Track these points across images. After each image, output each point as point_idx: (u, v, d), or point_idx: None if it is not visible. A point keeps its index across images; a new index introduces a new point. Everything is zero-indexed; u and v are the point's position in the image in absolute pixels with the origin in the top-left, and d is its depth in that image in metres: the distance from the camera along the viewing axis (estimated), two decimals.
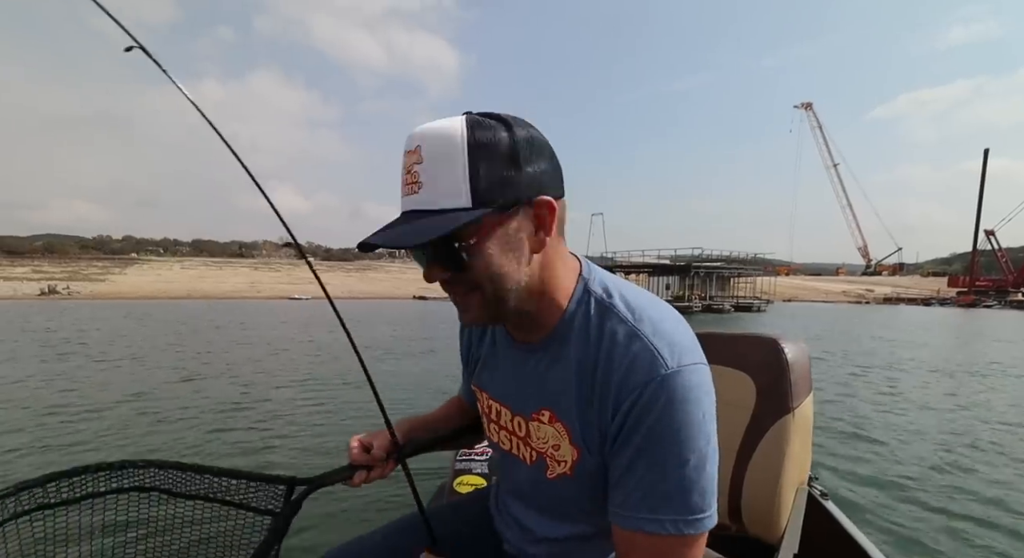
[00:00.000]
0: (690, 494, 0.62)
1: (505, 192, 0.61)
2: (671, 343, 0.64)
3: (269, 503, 0.88)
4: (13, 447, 4.22)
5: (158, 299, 40.39)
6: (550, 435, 0.73)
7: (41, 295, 41.13)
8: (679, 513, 0.62)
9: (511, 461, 0.83)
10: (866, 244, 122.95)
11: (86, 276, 56.10)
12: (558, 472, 0.73)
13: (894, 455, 4.19)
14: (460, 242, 0.61)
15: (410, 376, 7.80)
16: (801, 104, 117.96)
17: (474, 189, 0.59)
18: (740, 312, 35.99)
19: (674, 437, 0.61)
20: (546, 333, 0.72)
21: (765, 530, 1.10)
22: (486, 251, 0.63)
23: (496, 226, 0.62)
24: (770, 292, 51.08)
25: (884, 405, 6.04)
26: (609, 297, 0.69)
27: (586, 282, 0.71)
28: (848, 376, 8.11)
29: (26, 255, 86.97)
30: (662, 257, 41.09)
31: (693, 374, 0.63)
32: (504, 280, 0.65)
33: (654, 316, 0.67)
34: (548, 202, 0.64)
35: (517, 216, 0.63)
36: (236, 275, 65.07)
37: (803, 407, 1.09)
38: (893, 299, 64.53)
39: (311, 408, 5.74)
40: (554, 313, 0.71)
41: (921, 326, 21.90)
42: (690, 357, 0.64)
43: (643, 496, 0.63)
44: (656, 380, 0.62)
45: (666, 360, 0.62)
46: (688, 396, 0.62)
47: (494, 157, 0.60)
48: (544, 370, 0.73)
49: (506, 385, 0.81)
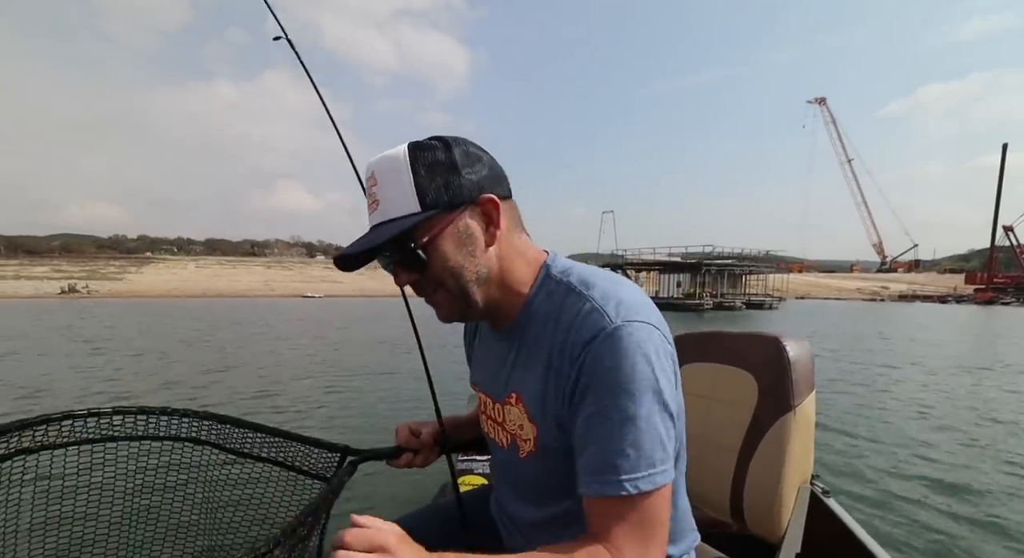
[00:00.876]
0: (643, 450, 0.64)
1: (449, 195, 0.68)
2: (618, 302, 0.67)
3: (321, 469, 0.91)
4: None
5: (175, 298, 41.11)
6: (515, 416, 0.78)
7: (61, 294, 42.05)
8: (633, 471, 0.64)
9: (495, 448, 0.88)
10: (881, 241, 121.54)
11: (104, 275, 57.19)
12: (526, 450, 0.78)
13: (898, 454, 4.17)
14: (415, 241, 0.69)
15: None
16: (815, 99, 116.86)
17: (421, 195, 0.68)
18: (751, 309, 35.79)
19: (622, 391, 0.63)
20: (512, 320, 0.78)
21: (767, 529, 1.10)
22: (441, 247, 0.70)
23: (447, 225, 0.69)
24: (783, 289, 50.68)
25: (890, 404, 6.00)
26: (567, 277, 0.74)
27: (548, 269, 0.76)
28: (854, 374, 8.05)
29: (44, 255, 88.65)
30: (673, 255, 40.89)
31: (640, 330, 0.65)
32: (463, 273, 0.71)
33: (606, 285, 0.71)
34: (491, 199, 0.71)
35: (465, 215, 0.70)
36: (250, 274, 65.89)
37: (805, 406, 1.09)
38: (909, 296, 63.70)
39: (361, 394, 6.09)
40: (518, 301, 0.76)
41: (935, 324, 21.52)
42: (637, 315, 0.67)
43: (600, 460, 0.65)
44: (602, 334, 0.65)
45: (611, 316, 0.66)
46: (635, 349, 0.64)
47: (435, 168, 0.68)
48: (514, 355, 0.79)
49: (488, 375, 0.86)
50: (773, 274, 49.37)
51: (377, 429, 4.77)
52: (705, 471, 1.20)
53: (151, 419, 0.80)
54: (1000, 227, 77.02)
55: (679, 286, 41.18)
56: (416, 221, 0.67)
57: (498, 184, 0.73)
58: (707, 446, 1.21)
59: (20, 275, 53.68)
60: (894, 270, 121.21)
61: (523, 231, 0.78)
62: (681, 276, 41.29)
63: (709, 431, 1.21)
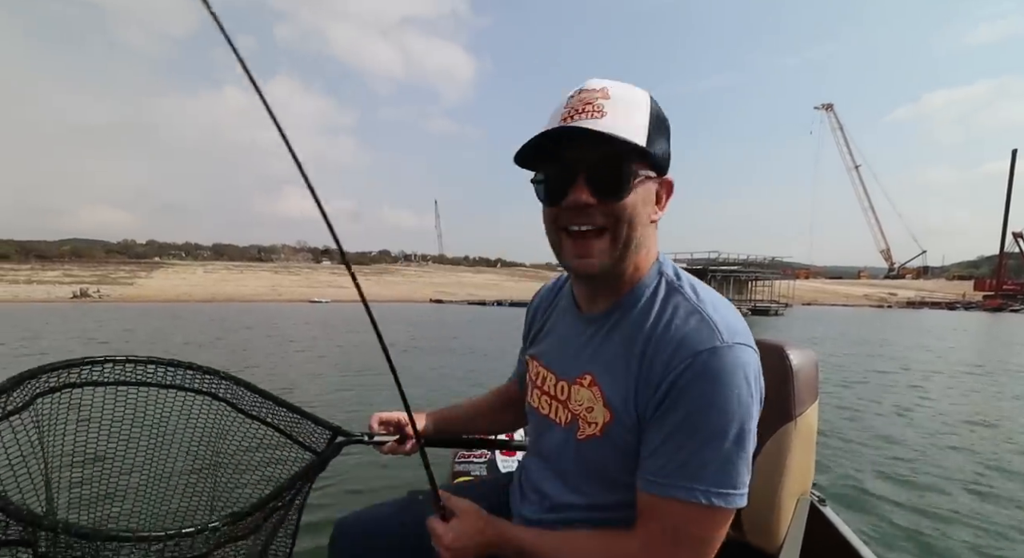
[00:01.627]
0: (727, 468, 0.63)
1: (662, 157, 0.70)
2: (728, 324, 0.67)
3: (312, 443, 1.02)
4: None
5: (184, 302, 41.53)
6: (586, 398, 0.77)
7: (74, 298, 42.62)
8: (714, 485, 0.63)
9: (546, 425, 0.86)
10: (889, 247, 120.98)
11: (114, 280, 57.82)
12: (588, 433, 0.76)
13: (901, 464, 4.04)
14: (629, 168, 0.67)
15: (437, 368, 8.15)
16: (822, 105, 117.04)
17: (649, 139, 0.67)
18: (757, 316, 35.72)
19: (720, 408, 0.63)
20: (613, 303, 0.77)
21: (764, 540, 1.08)
22: (640, 190, 0.69)
23: (648, 179, 0.70)
24: (789, 296, 50.61)
25: (894, 414, 5.89)
26: (678, 280, 0.75)
27: (661, 266, 0.77)
28: (857, 382, 7.99)
29: (55, 259, 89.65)
30: (678, 260, 40.92)
31: (744, 353, 0.65)
32: (637, 225, 0.70)
33: (716, 301, 0.71)
34: (671, 182, 0.74)
35: (656, 183, 0.72)
36: (257, 279, 66.38)
37: (806, 416, 1.07)
38: (916, 303, 63.39)
39: (365, 388, 6.20)
40: (630, 284, 0.76)
41: (942, 331, 21.42)
42: (744, 339, 0.67)
43: (681, 465, 0.64)
44: (710, 350, 0.64)
45: (722, 334, 0.65)
46: (738, 372, 0.63)
47: (663, 127, 0.70)
48: (601, 338, 0.77)
49: (560, 352, 0.85)
50: (779, 280, 49.33)
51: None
52: None
53: (178, 371, 0.92)
54: (1010, 233, 76.60)
55: None
56: (646, 150, 0.66)
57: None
58: None
59: (32, 280, 54.41)
60: (902, 276, 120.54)
61: None
62: None
63: None
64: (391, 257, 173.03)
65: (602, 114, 0.66)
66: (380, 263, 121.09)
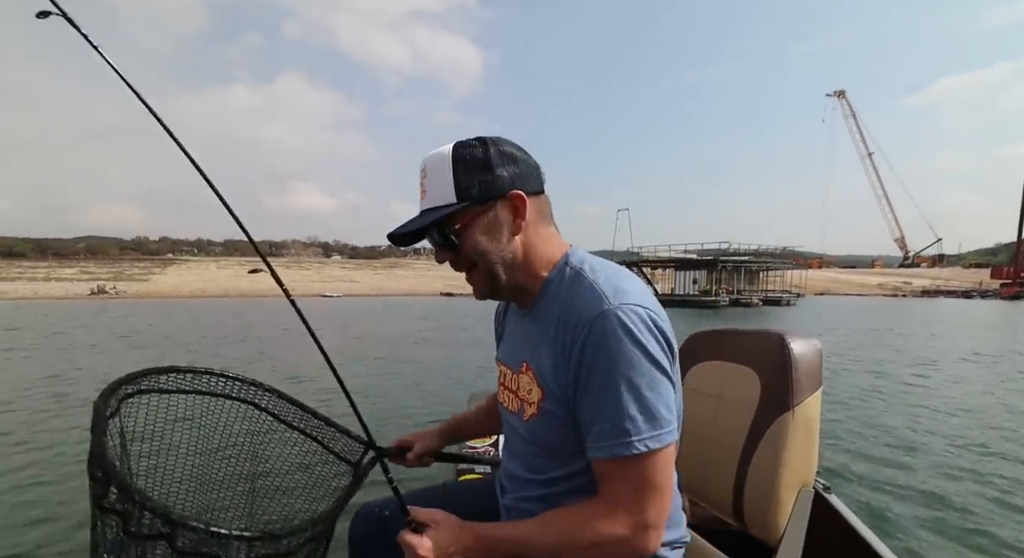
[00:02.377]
0: (650, 413, 0.71)
1: (482, 190, 0.80)
2: (617, 288, 0.76)
3: (347, 454, 1.08)
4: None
5: (199, 298, 42.09)
6: (526, 383, 0.87)
7: (91, 295, 43.31)
8: (646, 431, 0.71)
9: (508, 416, 0.96)
10: (903, 235, 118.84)
11: (130, 276, 58.65)
12: (529, 413, 0.86)
13: (911, 456, 4.04)
14: (450, 228, 0.81)
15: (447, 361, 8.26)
16: (834, 92, 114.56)
17: (458, 189, 0.79)
18: (768, 306, 35.53)
19: (625, 363, 0.71)
20: (533, 299, 0.88)
21: (765, 530, 1.08)
22: (472, 234, 0.81)
23: (478, 215, 0.81)
24: (801, 285, 50.06)
25: (902, 401, 5.94)
26: (580, 265, 0.84)
27: (568, 258, 0.86)
28: (866, 372, 7.92)
29: (71, 257, 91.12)
30: (689, 251, 40.72)
31: (633, 312, 0.73)
32: (490, 256, 0.82)
33: (611, 273, 0.81)
34: (519, 195, 0.81)
35: (495, 207, 0.81)
36: (269, 275, 66.81)
37: (806, 406, 1.06)
38: (931, 291, 62.35)
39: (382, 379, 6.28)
40: (539, 283, 0.87)
41: (956, 318, 21.15)
42: (633, 300, 0.75)
43: (613, 424, 0.72)
44: (599, 314, 0.73)
45: (608, 298, 0.74)
46: (630, 328, 0.72)
47: (472, 166, 0.80)
48: (529, 330, 0.89)
49: (509, 348, 0.97)
50: (791, 270, 48.86)
51: (400, 415, 5.09)
52: (710, 470, 1.20)
53: (228, 382, 1.00)
54: None
55: (695, 283, 40.99)
56: (451, 211, 0.80)
57: (529, 181, 0.84)
58: (713, 444, 1.21)
59: (50, 277, 55.36)
60: (917, 265, 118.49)
61: (550, 224, 0.89)
62: (697, 273, 41.10)
63: (715, 429, 1.21)
64: (401, 251, 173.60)
65: (424, 193, 0.83)
66: (390, 257, 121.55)
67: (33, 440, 4.30)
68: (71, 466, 3.66)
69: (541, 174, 0.88)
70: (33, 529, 2.74)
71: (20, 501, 3.10)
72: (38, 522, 2.82)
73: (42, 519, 2.85)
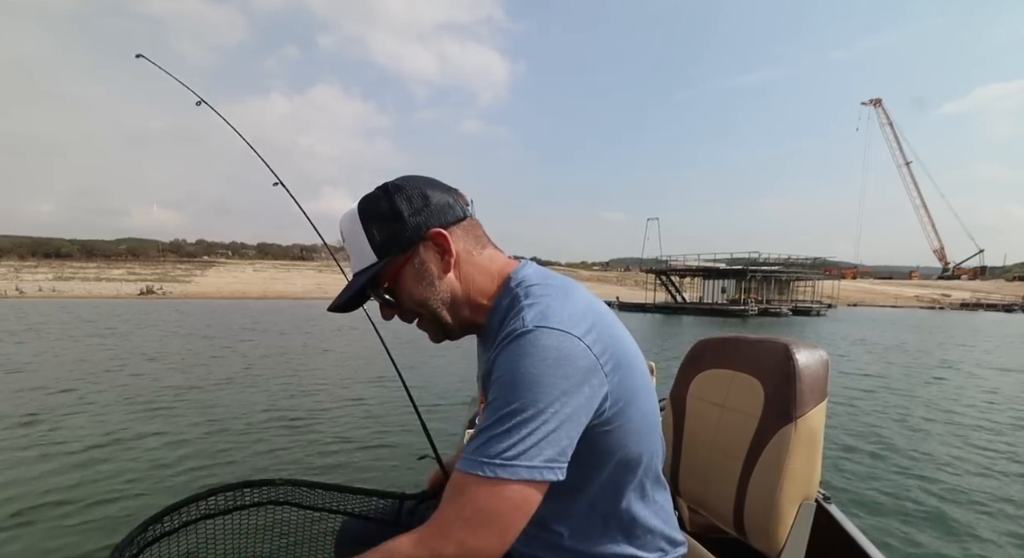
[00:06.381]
0: (519, 441, 0.63)
1: (397, 241, 0.77)
2: (540, 311, 0.70)
3: (384, 515, 1.05)
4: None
5: (240, 299, 43.93)
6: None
7: (141, 295, 45.71)
8: (499, 457, 0.63)
9: None
10: (943, 246, 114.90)
11: (173, 278, 61.34)
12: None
13: (921, 470, 3.97)
14: (381, 286, 0.79)
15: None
16: (870, 101, 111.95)
17: (374, 247, 0.77)
18: (798, 316, 35.11)
19: (515, 385, 0.65)
20: (486, 327, 0.83)
21: (766, 541, 1.06)
22: (404, 286, 0.79)
23: (402, 265, 0.78)
24: (834, 296, 49.25)
25: (917, 420, 5.72)
26: (519, 286, 0.78)
27: (509, 281, 0.80)
28: (882, 386, 7.80)
29: (116, 258, 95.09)
30: (718, 260, 40.63)
31: (549, 337, 0.67)
32: (428, 302, 0.79)
33: (542, 293, 0.75)
34: (438, 233, 0.77)
35: (418, 252, 0.78)
36: (304, 277, 68.90)
37: (809, 417, 1.04)
38: (971, 304, 60.25)
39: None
40: (484, 313, 0.82)
41: (996, 332, 20.52)
42: (555, 324, 0.68)
43: (482, 441, 0.65)
44: (510, 333, 0.69)
45: (526, 321, 0.69)
46: (539, 353, 0.66)
47: (381, 219, 0.77)
48: (484, 360, 0.84)
49: (480, 378, 0.90)
50: (823, 281, 48.11)
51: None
52: (713, 479, 1.19)
53: (264, 490, 1.01)
54: None
55: (724, 292, 40.87)
56: (376, 270, 0.77)
57: (446, 214, 0.79)
58: (716, 454, 1.20)
59: (100, 277, 58.42)
60: (957, 277, 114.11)
61: (487, 245, 0.84)
62: (726, 282, 40.98)
63: (718, 438, 1.20)
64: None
65: (350, 258, 0.82)
66: None
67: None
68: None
69: (459, 200, 0.82)
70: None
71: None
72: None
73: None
